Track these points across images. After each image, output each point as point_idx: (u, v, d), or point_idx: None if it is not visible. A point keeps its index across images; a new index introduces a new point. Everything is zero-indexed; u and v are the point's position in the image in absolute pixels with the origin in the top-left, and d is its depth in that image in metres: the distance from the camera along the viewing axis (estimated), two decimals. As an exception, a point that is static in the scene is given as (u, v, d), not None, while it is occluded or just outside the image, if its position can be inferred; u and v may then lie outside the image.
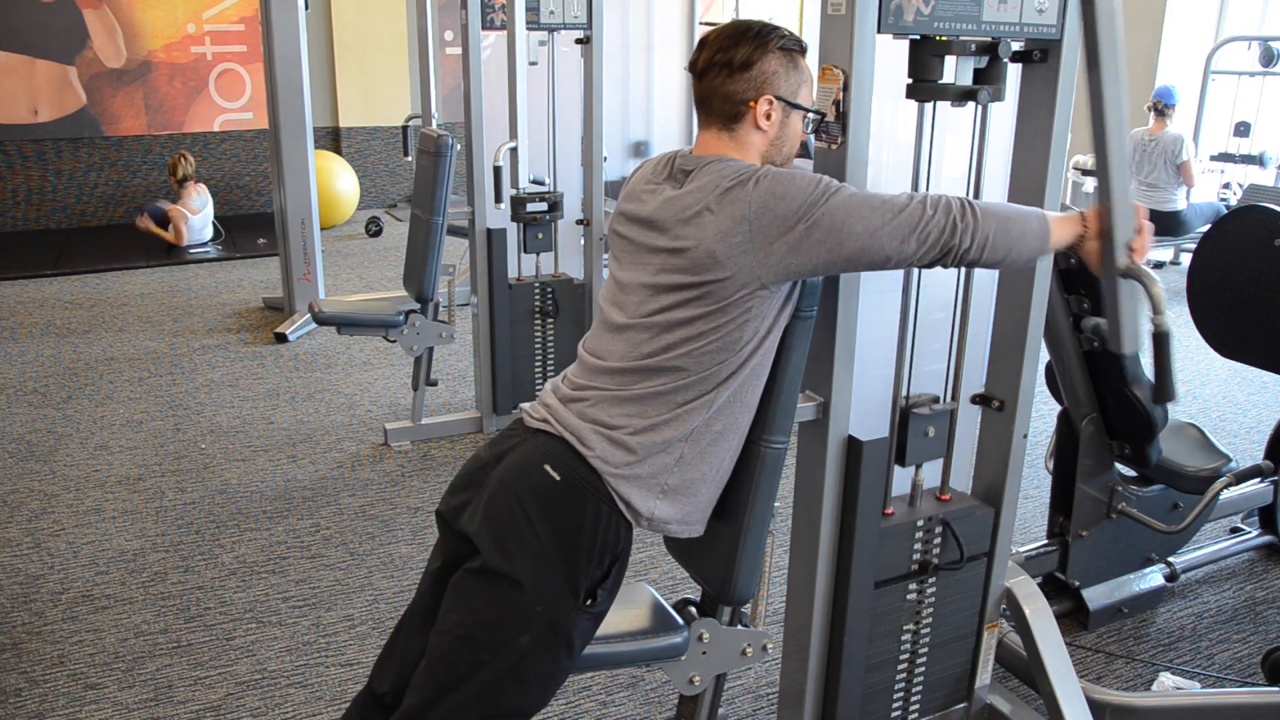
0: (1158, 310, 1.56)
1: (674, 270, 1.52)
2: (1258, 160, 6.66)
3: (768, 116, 1.57)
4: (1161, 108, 6.08)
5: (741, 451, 1.63)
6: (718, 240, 1.47)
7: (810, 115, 1.63)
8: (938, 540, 1.95)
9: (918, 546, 1.93)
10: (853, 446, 1.80)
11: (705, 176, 1.54)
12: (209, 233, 6.87)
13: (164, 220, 6.77)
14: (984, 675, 2.13)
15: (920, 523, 1.92)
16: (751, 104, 1.55)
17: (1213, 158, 6.73)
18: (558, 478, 1.51)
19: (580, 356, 1.66)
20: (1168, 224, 6.15)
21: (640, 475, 1.53)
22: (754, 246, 1.46)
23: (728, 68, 1.55)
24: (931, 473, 1.98)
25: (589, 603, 1.52)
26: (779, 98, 1.56)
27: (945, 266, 1.54)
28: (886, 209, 1.46)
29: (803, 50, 1.60)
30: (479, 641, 1.49)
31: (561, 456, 1.53)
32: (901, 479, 1.95)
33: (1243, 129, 6.81)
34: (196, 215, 6.74)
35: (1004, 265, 1.58)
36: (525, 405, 1.68)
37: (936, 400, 1.91)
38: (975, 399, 2.04)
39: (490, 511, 1.53)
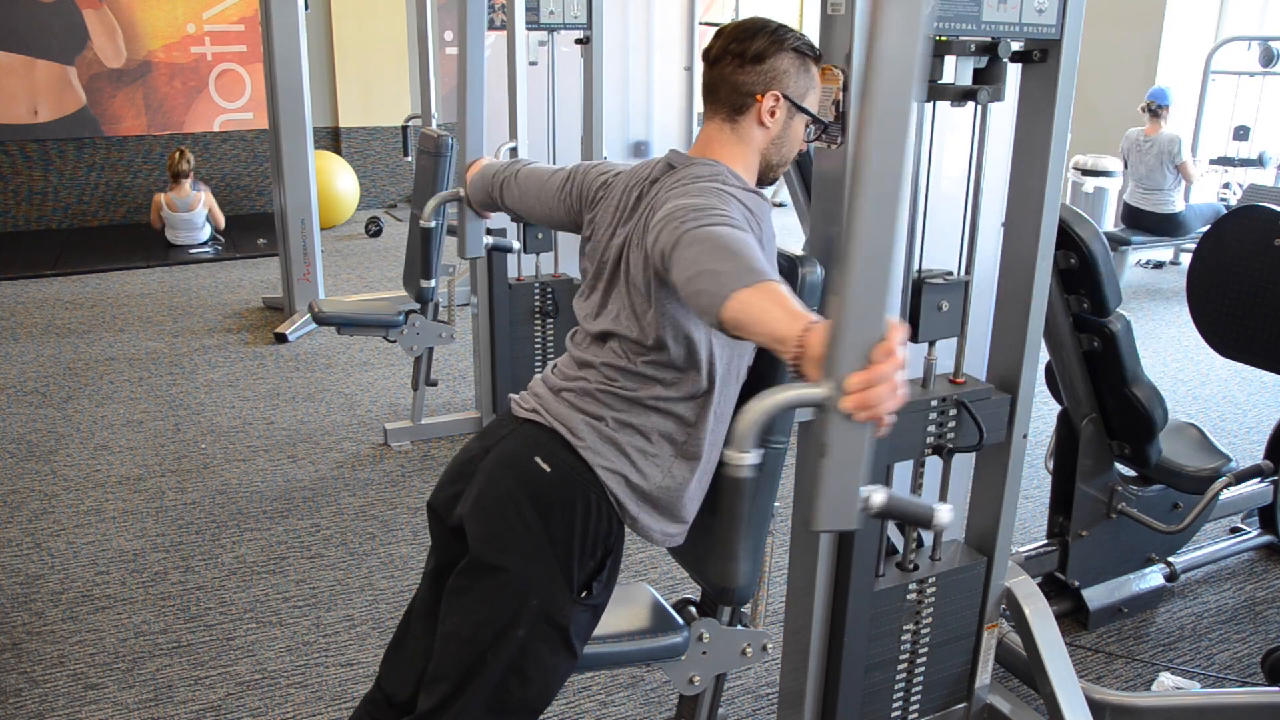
0: (732, 439, 1.11)
1: (630, 274, 1.53)
2: (1258, 161, 6.66)
3: (772, 113, 1.56)
4: (1155, 108, 6.09)
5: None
6: (642, 236, 1.49)
7: (813, 125, 1.62)
8: (952, 423, 1.89)
9: (932, 429, 1.87)
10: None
11: (681, 173, 1.54)
12: (201, 236, 6.79)
13: None
14: (984, 675, 2.13)
15: (934, 402, 1.85)
16: (758, 97, 1.55)
17: (1213, 161, 6.74)
18: (548, 469, 1.51)
19: (569, 349, 1.66)
20: (1167, 225, 6.15)
21: (628, 475, 1.53)
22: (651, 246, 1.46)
23: (740, 58, 1.55)
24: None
25: (584, 595, 1.52)
26: (786, 96, 1.56)
27: (678, 290, 1.33)
28: (690, 214, 1.35)
29: (816, 57, 1.60)
30: (478, 640, 1.49)
31: (551, 447, 1.53)
32: (913, 364, 1.87)
33: (1242, 133, 6.82)
34: (175, 213, 6.68)
35: (688, 299, 1.30)
36: (514, 395, 1.67)
37: (950, 272, 1.83)
38: (975, 399, 2.03)
39: (480, 503, 1.53)
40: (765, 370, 1.61)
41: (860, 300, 0.99)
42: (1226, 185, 6.82)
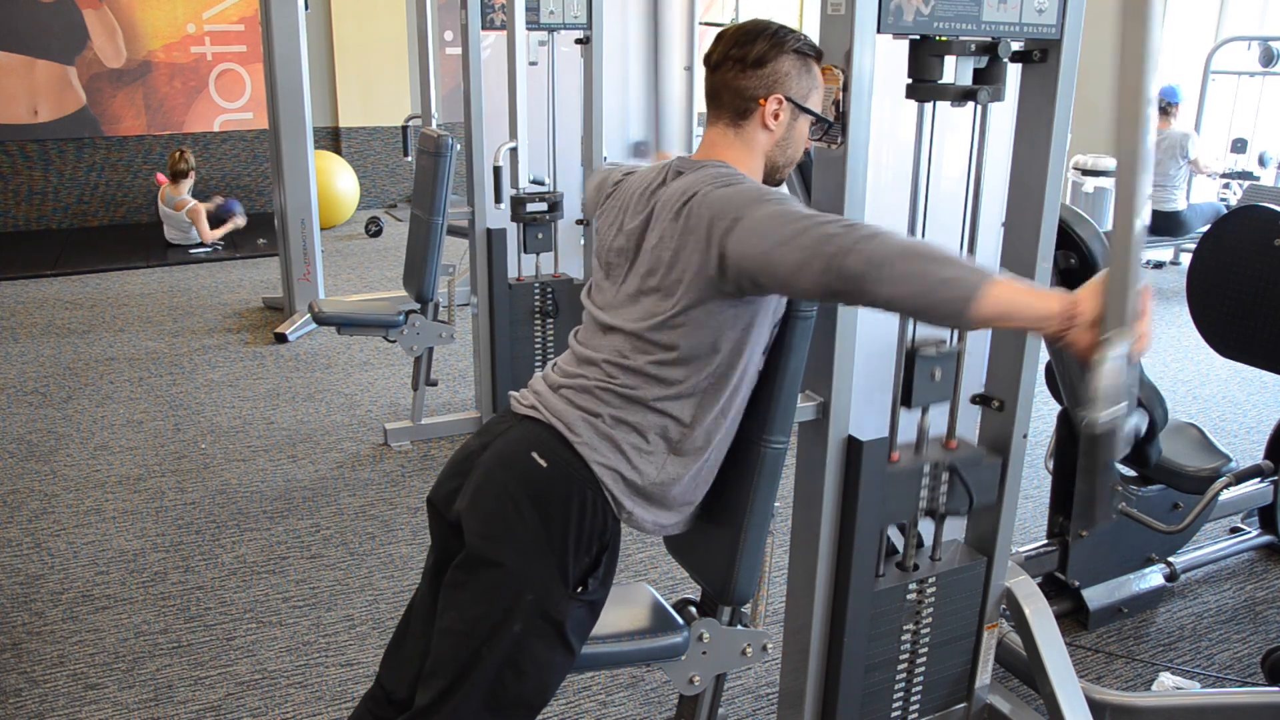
0: (1098, 403, 1.27)
1: (649, 274, 1.53)
2: (1258, 165, 6.66)
3: (775, 116, 1.57)
4: (1165, 105, 6.09)
5: (741, 451, 1.63)
6: (680, 236, 1.49)
7: (816, 124, 1.63)
8: (944, 488, 1.91)
9: (924, 493, 1.89)
10: (853, 446, 1.80)
11: (693, 175, 1.54)
12: (194, 236, 6.79)
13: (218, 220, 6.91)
14: (984, 675, 2.13)
15: (927, 468, 1.88)
16: (761, 101, 1.56)
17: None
18: (544, 464, 1.52)
19: (571, 346, 1.67)
20: (1168, 224, 6.15)
21: (623, 472, 1.53)
22: (701, 247, 1.46)
23: (741, 63, 1.55)
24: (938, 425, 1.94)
25: (579, 590, 1.52)
26: (789, 99, 1.56)
27: (851, 300, 1.41)
28: (803, 220, 1.38)
29: (818, 57, 1.60)
30: (474, 635, 1.49)
31: (548, 443, 1.53)
32: (907, 427, 1.90)
33: (1240, 145, 6.81)
34: (164, 206, 6.75)
35: (915, 312, 1.37)
36: (514, 393, 1.68)
37: (944, 342, 1.86)
38: (975, 399, 2.04)
39: (477, 499, 1.54)
40: (767, 371, 1.61)
41: (1131, 267, 1.24)
42: (1227, 185, 6.82)
